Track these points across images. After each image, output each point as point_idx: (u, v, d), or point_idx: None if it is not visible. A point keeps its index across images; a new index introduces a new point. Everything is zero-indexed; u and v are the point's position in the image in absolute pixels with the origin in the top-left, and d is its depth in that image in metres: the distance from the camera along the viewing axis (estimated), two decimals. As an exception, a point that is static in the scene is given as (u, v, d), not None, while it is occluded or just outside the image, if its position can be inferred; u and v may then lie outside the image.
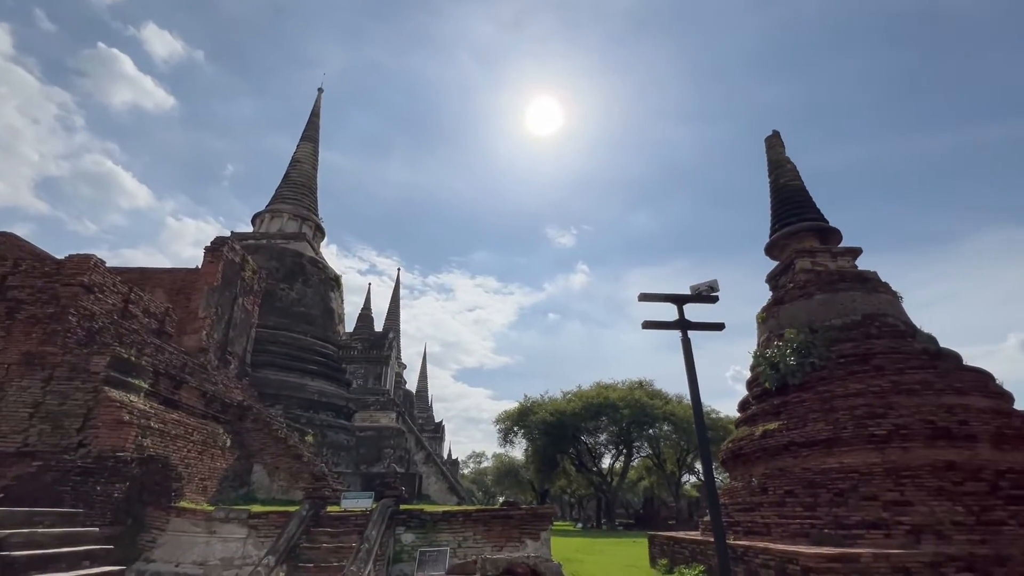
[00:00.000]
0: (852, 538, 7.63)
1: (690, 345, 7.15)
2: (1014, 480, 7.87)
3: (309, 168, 30.90)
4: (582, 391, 38.92)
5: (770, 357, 10.86)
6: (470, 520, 10.15)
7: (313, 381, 23.17)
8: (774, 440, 9.78)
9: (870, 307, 10.82)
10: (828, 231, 12.75)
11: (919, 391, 9.06)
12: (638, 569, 12.34)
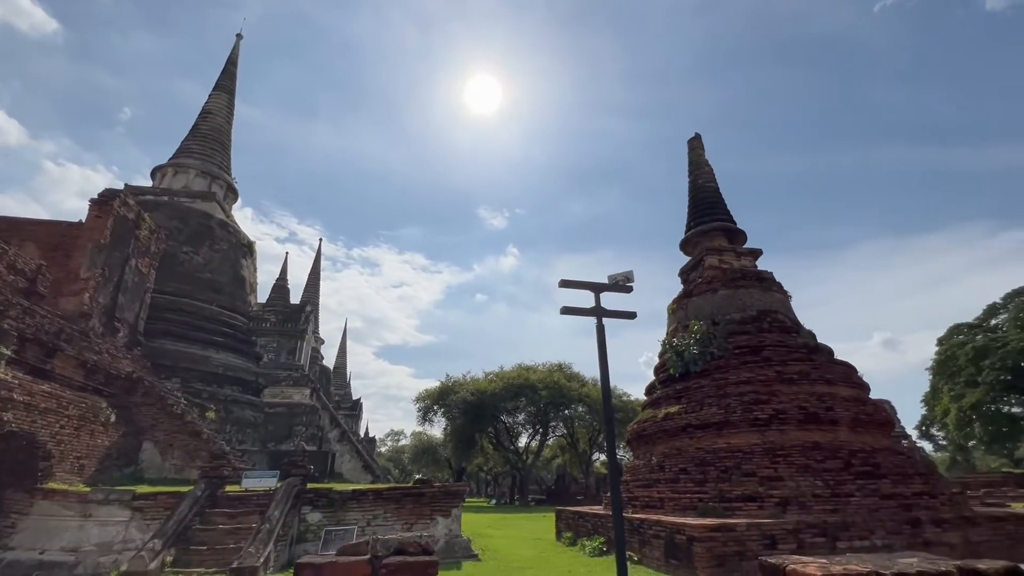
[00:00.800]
0: (732, 510, 8.50)
1: (604, 332, 7.48)
2: (863, 458, 9.15)
3: (222, 121, 28.21)
4: (504, 372, 39.63)
5: (676, 346, 11.66)
6: (381, 498, 10.07)
7: (218, 353, 21.57)
8: (673, 422, 10.59)
9: (765, 304, 11.93)
10: (735, 232, 13.81)
11: (797, 380, 10.18)
12: (544, 542, 12.94)
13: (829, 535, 7.54)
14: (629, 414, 34.10)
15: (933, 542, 7.87)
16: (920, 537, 7.82)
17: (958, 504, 8.87)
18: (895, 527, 7.79)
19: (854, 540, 7.62)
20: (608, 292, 7.74)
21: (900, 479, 8.96)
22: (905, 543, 7.78)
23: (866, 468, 9.01)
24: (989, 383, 35.36)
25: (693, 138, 15.58)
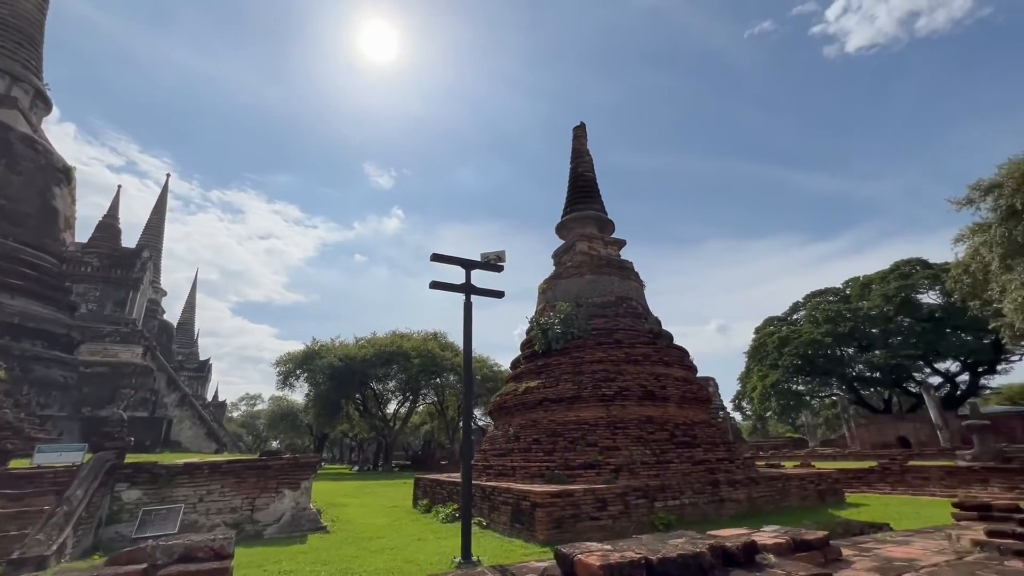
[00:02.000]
0: (574, 477, 9.33)
1: (471, 309, 7.55)
2: (684, 430, 10.62)
3: (31, 8, 22.37)
4: (376, 338, 38.50)
5: (542, 324, 12.28)
6: (218, 472, 9.20)
7: (13, 299, 17.65)
8: (532, 396, 11.22)
9: (622, 291, 13.05)
10: (606, 222, 14.81)
11: (641, 362, 11.39)
12: (401, 510, 13.02)
13: (649, 496, 8.66)
14: (499, 384, 35.46)
15: (727, 499, 9.49)
16: (718, 495, 9.36)
17: (748, 467, 10.78)
18: (700, 488, 9.22)
19: (669, 500, 8.86)
20: (479, 270, 7.81)
21: (710, 448, 10.59)
22: (707, 500, 9.26)
23: (686, 439, 10.48)
24: (785, 366, 43.37)
25: (578, 127, 16.20)
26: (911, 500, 10.66)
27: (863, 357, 41.76)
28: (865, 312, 42.52)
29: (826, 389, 46.90)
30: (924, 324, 39.78)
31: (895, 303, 41.03)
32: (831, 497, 10.65)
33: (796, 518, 8.81)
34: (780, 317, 50.76)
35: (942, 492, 10.63)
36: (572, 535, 7.78)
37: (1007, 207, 15.43)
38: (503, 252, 7.96)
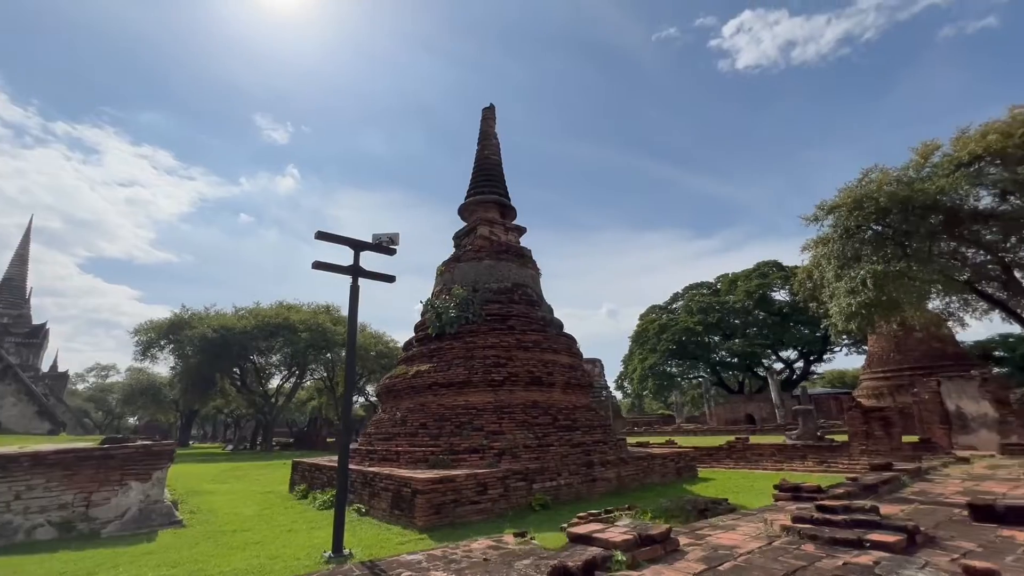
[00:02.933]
0: (458, 462, 9.43)
1: (358, 292, 7.16)
2: (566, 414, 11.22)
3: None
4: (260, 309, 35.50)
5: (437, 307, 12.11)
6: (42, 465, 7.90)
7: None
8: (422, 380, 11.08)
9: (519, 278, 13.30)
10: (508, 207, 14.89)
11: (531, 348, 11.75)
12: (275, 496, 12.27)
13: (528, 479, 9.05)
14: (395, 361, 34.68)
15: (599, 478, 10.24)
16: (591, 475, 10.06)
17: (620, 448, 11.72)
18: (576, 469, 9.84)
19: (547, 481, 9.34)
20: (370, 252, 7.42)
21: (588, 430, 11.32)
22: (581, 480, 9.92)
23: (567, 422, 11.08)
24: (662, 351, 47.83)
25: (487, 108, 15.98)
26: (748, 474, 12.38)
27: (725, 344, 47.34)
28: (730, 305, 48.07)
29: (694, 372, 52.58)
30: (774, 318, 46.05)
31: (754, 298, 46.91)
32: (686, 473, 12.00)
33: (656, 494, 9.79)
34: (662, 306, 55.63)
35: (772, 466, 12.51)
36: (451, 519, 7.89)
37: (843, 227, 18.13)
38: (397, 235, 7.63)
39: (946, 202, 16.95)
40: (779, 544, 3.43)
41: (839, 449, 11.62)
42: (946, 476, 7.44)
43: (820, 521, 3.64)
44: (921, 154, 19.10)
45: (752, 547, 3.40)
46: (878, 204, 17.52)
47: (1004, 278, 18.80)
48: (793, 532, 3.61)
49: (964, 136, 18.00)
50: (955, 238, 19.20)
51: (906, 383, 25.39)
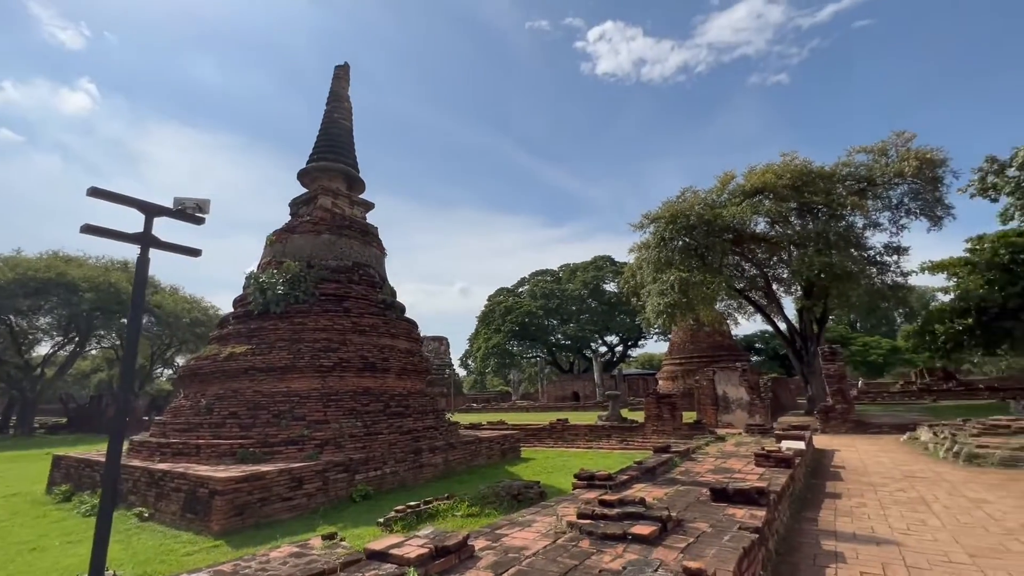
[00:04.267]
0: (273, 455, 8.67)
1: (147, 265, 5.97)
2: (399, 401, 11.07)
3: None
4: (23, 259, 28.00)
5: (262, 282, 10.85)
6: None
7: None
8: (237, 363, 9.87)
9: (362, 257, 12.59)
10: (356, 179, 13.92)
11: (368, 332, 11.28)
12: (24, 499, 9.91)
13: (351, 470, 8.74)
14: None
15: (426, 464, 10.37)
16: (418, 462, 10.13)
17: (451, 433, 12.01)
18: (403, 456, 9.80)
19: (371, 471, 9.13)
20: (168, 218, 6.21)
21: (420, 416, 11.34)
22: (408, 467, 9.92)
23: (399, 409, 10.95)
24: (506, 331, 50.37)
25: (340, 67, 14.57)
26: (564, 452, 13.76)
27: (562, 328, 51.74)
28: (570, 293, 52.52)
29: (533, 352, 56.53)
30: (604, 307, 51.66)
31: (589, 288, 51.95)
32: (511, 454, 12.85)
33: (480, 477, 10.28)
34: (509, 288, 58.35)
35: (585, 445, 14.11)
36: (257, 520, 7.24)
37: (661, 236, 20.93)
38: (207, 201, 6.48)
39: (735, 225, 20.66)
40: (562, 542, 3.81)
41: (637, 429, 13.58)
42: (705, 455, 9.18)
43: (598, 516, 4.15)
44: (722, 181, 22.98)
45: (539, 547, 3.73)
46: (688, 221, 20.63)
47: (766, 288, 23.74)
48: (576, 528, 4.05)
49: (751, 171, 22.09)
50: (738, 254, 23.59)
51: (695, 368, 30.52)
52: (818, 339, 21.63)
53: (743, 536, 3.96)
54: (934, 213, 19.97)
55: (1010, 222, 22.86)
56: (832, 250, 19.54)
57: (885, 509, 6.37)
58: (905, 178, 19.54)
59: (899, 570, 4.29)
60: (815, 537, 5.29)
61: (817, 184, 19.89)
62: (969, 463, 9.17)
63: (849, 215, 20.59)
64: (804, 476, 8.43)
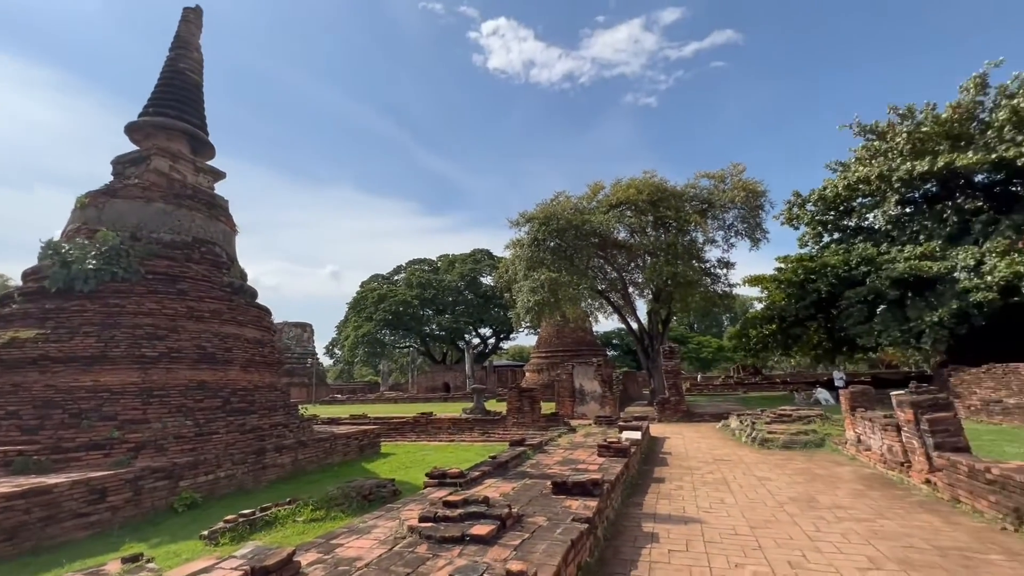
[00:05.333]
0: (68, 462, 7.22)
1: None
2: (243, 396, 9.99)
3: None
4: None
5: (65, 252, 8.95)
6: None
7: None
8: (22, 352, 8.02)
9: (205, 233, 11.05)
10: (204, 143, 12.16)
11: (208, 319, 9.96)
12: None
13: (174, 476, 7.65)
14: None
15: (271, 465, 9.51)
16: (261, 463, 9.25)
17: (303, 430, 11.18)
18: (242, 458, 8.86)
19: (200, 476, 8.09)
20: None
21: (267, 413, 10.37)
22: (248, 470, 8.99)
23: (242, 405, 9.87)
24: (378, 320, 48.55)
25: (191, 9, 12.53)
26: (426, 446, 13.66)
27: (437, 319, 51.41)
28: (446, 284, 52.34)
29: (406, 342, 55.35)
30: (480, 299, 52.48)
31: (466, 280, 52.33)
32: (369, 450, 12.39)
33: (333, 476, 9.73)
34: (384, 276, 56.32)
35: (447, 438, 14.17)
36: (36, 543, 5.97)
37: (534, 236, 21.80)
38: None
39: (601, 231, 22.34)
40: (399, 548, 3.73)
41: (499, 421, 14.02)
42: (557, 447, 9.81)
43: (440, 518, 4.15)
44: (592, 190, 24.68)
45: (373, 556, 3.60)
46: (559, 224, 21.82)
47: (623, 291, 26.11)
48: (416, 532, 3.99)
49: (617, 184, 24.06)
50: (602, 259, 25.58)
51: (559, 362, 32.43)
52: (662, 338, 24.43)
53: (574, 528, 4.27)
54: (755, 235, 23.73)
55: (805, 247, 28.14)
56: (678, 261, 22.17)
57: (696, 490, 7.38)
58: (736, 204, 22.90)
59: (698, 544, 4.99)
60: (638, 520, 5.92)
61: (670, 201, 22.36)
62: (762, 447, 11.07)
63: (693, 231, 23.55)
64: (638, 463, 9.41)
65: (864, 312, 22.12)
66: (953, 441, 6.47)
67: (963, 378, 19.04)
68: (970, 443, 6.73)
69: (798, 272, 25.16)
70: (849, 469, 8.42)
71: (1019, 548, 4.57)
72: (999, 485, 5.23)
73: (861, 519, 5.64)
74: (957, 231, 21.36)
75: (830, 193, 25.61)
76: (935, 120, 21.61)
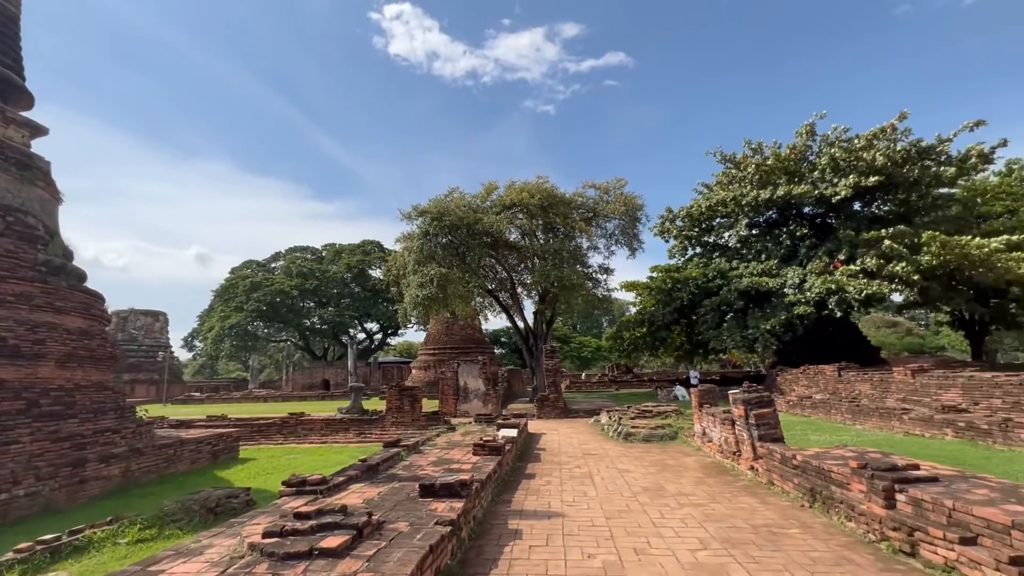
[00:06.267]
0: None
1: None
2: (58, 397, 8.38)
3: None
4: None
5: None
6: None
7: None
8: None
9: (15, 199, 9.06)
10: (16, 89, 9.96)
11: (12, 304, 8.19)
12: None
13: (-52, 498, 6.15)
14: None
15: (94, 478, 8.09)
16: (79, 476, 7.83)
17: (140, 436, 9.68)
18: (52, 472, 7.42)
19: (-12, 496, 6.61)
20: None
21: (92, 416, 8.82)
22: (61, 484, 7.55)
23: (56, 408, 8.28)
24: (250, 310, 44.17)
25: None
26: (294, 449, 12.67)
27: (319, 312, 48.23)
28: (332, 275, 49.33)
29: (283, 335, 51.14)
30: (368, 293, 50.29)
31: (354, 272, 49.80)
32: (225, 455, 11.15)
33: (176, 487, 8.56)
34: (260, 262, 51.40)
35: (319, 440, 13.28)
36: None
37: (426, 230, 21.41)
38: None
39: (494, 231, 22.63)
40: (234, 570, 3.34)
41: (376, 421, 13.49)
42: (434, 446, 9.69)
43: (288, 532, 3.81)
44: (487, 190, 24.92)
45: (203, 580, 3.19)
46: (452, 220, 21.69)
47: (512, 291, 26.74)
48: (257, 550, 3.62)
49: (511, 186, 24.58)
50: (494, 258, 25.95)
51: (447, 359, 32.21)
52: (546, 338, 25.48)
53: (436, 532, 4.19)
54: (632, 245, 25.78)
55: (673, 259, 31.28)
56: (564, 265, 23.28)
57: (563, 485, 7.75)
58: (617, 215, 24.67)
59: (558, 538, 5.21)
60: (505, 518, 6.03)
61: (560, 208, 23.37)
62: (626, 440, 12.02)
63: (579, 237, 24.90)
64: (513, 460, 9.65)
65: (716, 319, 25.19)
66: (772, 433, 7.58)
67: (786, 377, 22.57)
68: (785, 433, 7.95)
69: (666, 281, 27.87)
70: (694, 459, 9.48)
71: (812, 522, 5.47)
72: (800, 469, 6.22)
73: (698, 504, 6.35)
74: (789, 253, 25.26)
75: (695, 211, 28.73)
76: (777, 157, 25.31)
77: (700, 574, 4.17)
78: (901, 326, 56.90)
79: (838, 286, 20.75)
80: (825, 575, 4.08)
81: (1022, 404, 11.49)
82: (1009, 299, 22.69)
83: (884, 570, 4.13)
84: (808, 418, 15.66)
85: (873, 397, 15.98)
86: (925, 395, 14.32)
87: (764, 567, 4.27)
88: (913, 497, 4.44)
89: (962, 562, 3.77)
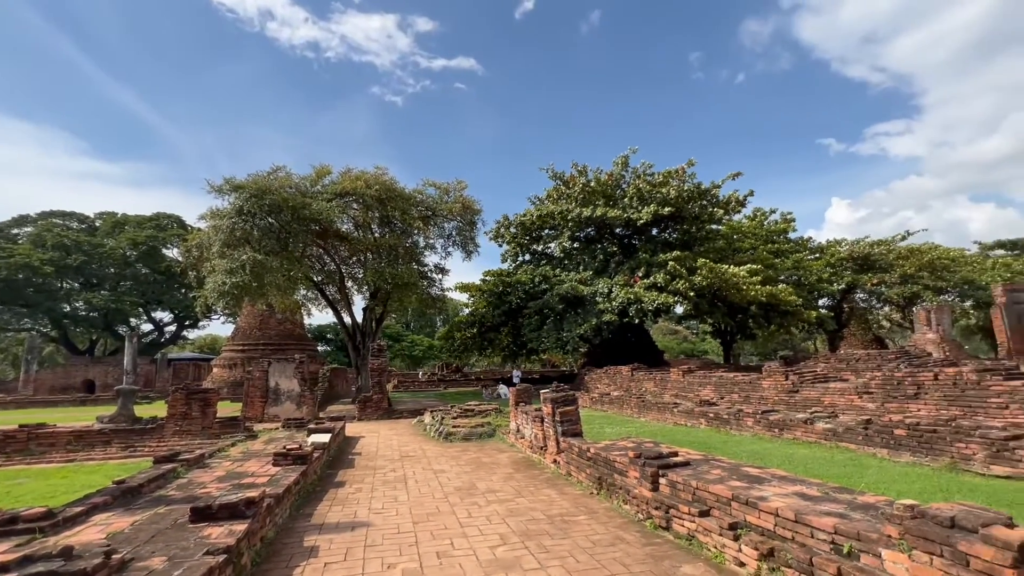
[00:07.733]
0: None
1: None
2: None
3: None
4: None
5: None
6: None
7: None
8: None
9: None
10: None
11: None
12: None
13: None
14: None
15: None
16: None
17: None
18: None
19: None
20: None
21: None
22: None
23: None
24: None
25: None
26: (25, 471, 9.78)
27: (84, 295, 38.68)
28: (107, 250, 40.06)
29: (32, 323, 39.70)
30: (159, 276, 42.11)
31: (141, 250, 41.21)
32: None
33: None
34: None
35: (64, 458, 10.45)
36: None
37: (240, 207, 18.74)
38: None
39: (323, 220, 20.87)
40: None
41: (151, 431, 11.19)
42: (226, 457, 8.41)
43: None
44: (318, 173, 22.92)
45: None
46: (275, 200, 19.40)
47: (340, 285, 25.06)
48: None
49: (347, 173, 23.04)
50: (322, 248, 23.99)
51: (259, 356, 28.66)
52: (375, 336, 24.44)
53: (202, 565, 3.55)
54: (468, 247, 26.35)
55: (506, 263, 32.94)
56: (400, 261, 22.63)
57: (374, 491, 7.40)
58: (455, 216, 24.97)
59: (358, 551, 4.90)
60: (302, 534, 5.48)
61: (398, 202, 22.66)
62: (446, 440, 12.11)
63: (416, 235, 24.50)
64: (322, 468, 8.92)
65: (538, 322, 27.25)
66: (574, 428, 8.37)
67: (592, 376, 25.48)
68: (585, 428, 8.85)
69: (498, 285, 29.16)
70: (508, 456, 9.97)
71: (597, 508, 6.14)
72: (592, 460, 6.97)
73: (504, 500, 6.64)
74: (602, 266, 28.65)
75: (528, 221, 30.71)
76: (598, 181, 28.53)
77: (496, 571, 4.31)
78: (680, 333, 69.20)
79: (636, 297, 24.22)
80: (601, 555, 4.58)
81: (751, 398, 14.83)
82: (748, 315, 29.20)
83: (646, 544, 4.82)
84: (606, 413, 17.88)
85: (655, 393, 19.00)
86: (691, 391, 17.54)
87: (553, 555, 4.61)
88: (671, 480, 5.28)
89: (699, 531, 4.59)
